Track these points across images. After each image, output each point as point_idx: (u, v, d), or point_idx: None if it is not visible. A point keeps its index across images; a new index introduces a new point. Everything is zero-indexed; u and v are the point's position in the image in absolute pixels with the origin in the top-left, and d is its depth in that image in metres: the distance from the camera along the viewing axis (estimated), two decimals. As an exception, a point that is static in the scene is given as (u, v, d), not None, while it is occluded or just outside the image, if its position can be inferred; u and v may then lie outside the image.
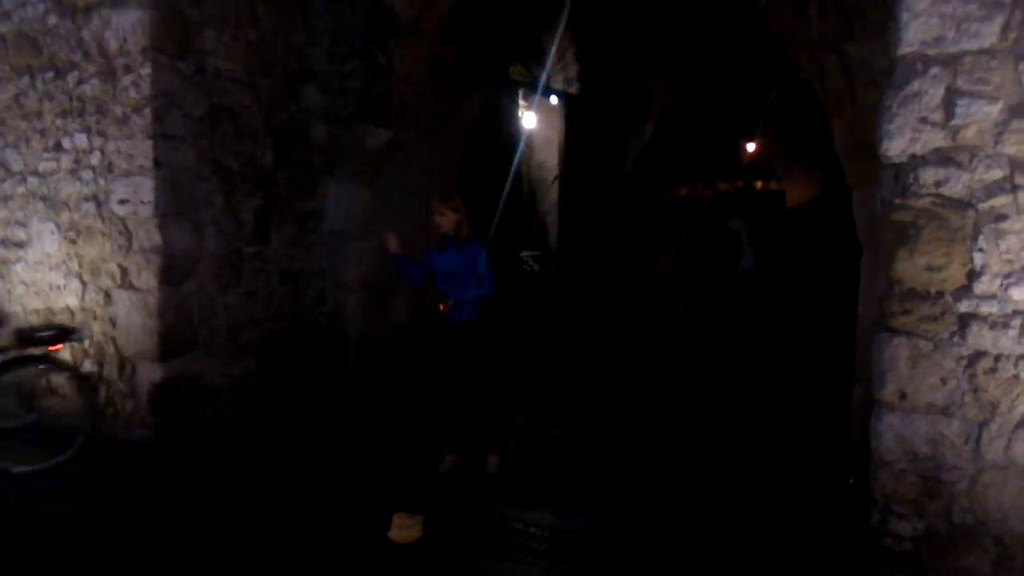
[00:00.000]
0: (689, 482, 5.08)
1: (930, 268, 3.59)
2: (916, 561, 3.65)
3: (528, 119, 10.75)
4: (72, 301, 6.14)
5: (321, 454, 5.62)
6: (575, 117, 11.69)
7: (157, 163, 5.64)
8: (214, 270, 6.14)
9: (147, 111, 5.61)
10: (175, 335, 5.85)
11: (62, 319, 6.19)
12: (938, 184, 3.55)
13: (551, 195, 11.65)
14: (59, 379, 5.80)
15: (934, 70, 3.53)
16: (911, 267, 3.63)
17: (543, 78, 10.39)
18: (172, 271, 5.78)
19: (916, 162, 3.59)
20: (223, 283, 6.23)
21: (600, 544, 4.14)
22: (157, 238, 5.68)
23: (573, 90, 11.77)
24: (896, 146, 3.65)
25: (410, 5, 6.60)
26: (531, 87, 10.55)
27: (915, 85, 3.57)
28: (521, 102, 10.71)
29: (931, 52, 3.54)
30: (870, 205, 5.08)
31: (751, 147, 20.87)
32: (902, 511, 3.68)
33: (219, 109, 6.08)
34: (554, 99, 11.38)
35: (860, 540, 3.85)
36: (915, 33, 3.56)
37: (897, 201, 3.66)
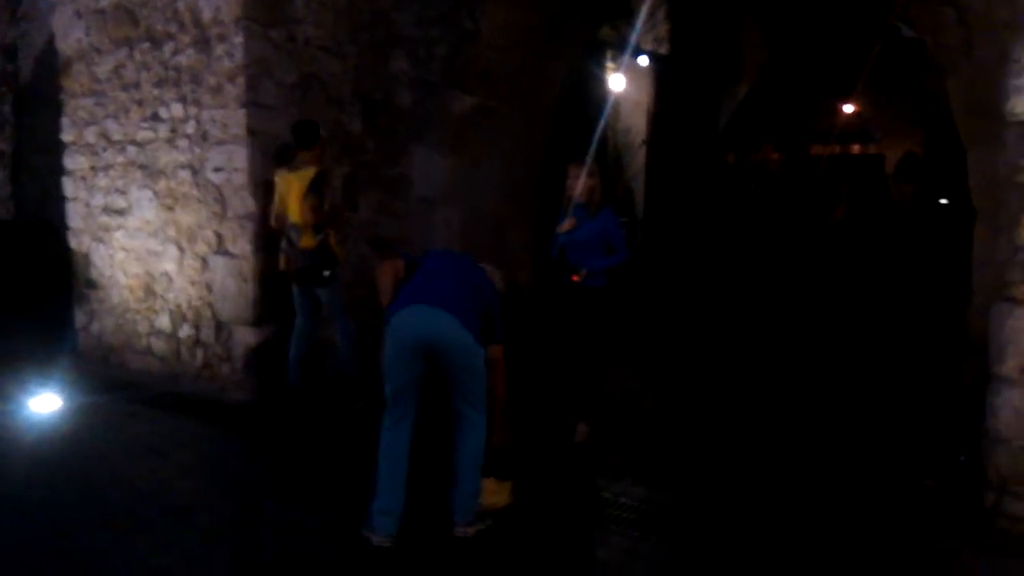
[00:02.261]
0: (786, 455, 4.90)
1: (1060, 235, 3.31)
2: (1034, 545, 3.43)
3: (615, 81, 10.48)
4: (170, 266, 6.33)
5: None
6: (665, 79, 11.34)
7: (251, 131, 5.71)
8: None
9: (240, 80, 5.68)
10: (268, 300, 5.96)
11: (161, 284, 6.41)
12: (1072, 144, 3.25)
13: (638, 160, 11.38)
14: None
15: (1072, 19, 3.22)
16: (1038, 234, 3.36)
17: (632, 38, 10.10)
18: (266, 237, 5.88)
19: (1048, 121, 3.29)
20: (314, 250, 6.30)
21: (693, 517, 4.04)
22: (251, 205, 5.77)
23: (663, 50, 11.40)
24: (1025, 103, 3.36)
25: (498, -34, 6.47)
26: (619, 48, 10.27)
27: (1050, 36, 3.27)
28: (609, 64, 10.44)
29: (1069, -1, 3.22)
30: (988, 167, 4.75)
31: (847, 109, 19.97)
32: (1019, 491, 3.45)
33: (309, 77, 6.12)
34: (643, 60, 11.05)
35: (972, 521, 3.63)
36: (1051, -21, 3.24)
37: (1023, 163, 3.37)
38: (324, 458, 4.87)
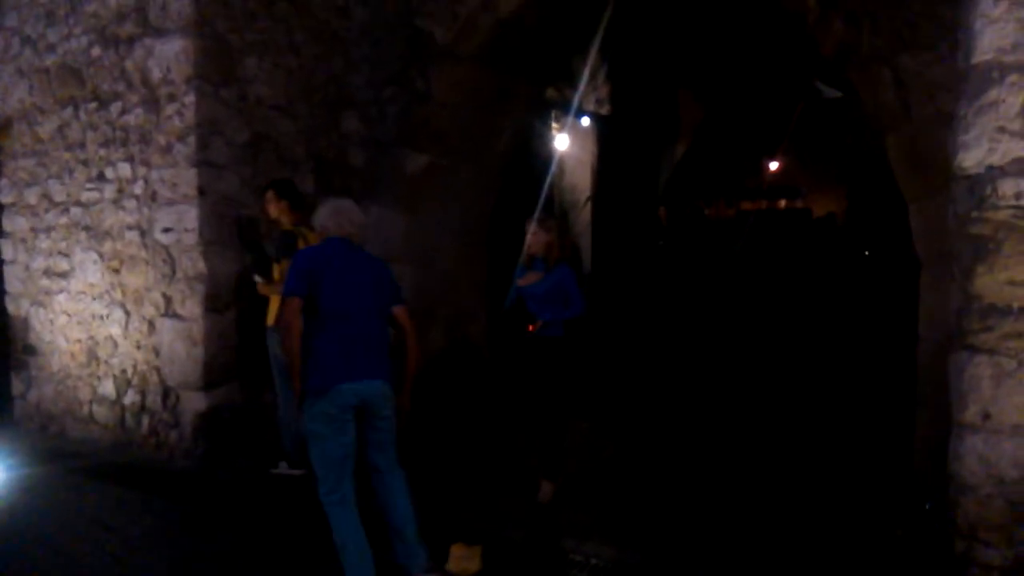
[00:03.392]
0: (748, 507, 4.92)
1: (1012, 283, 3.43)
2: (1005, 591, 3.47)
3: (560, 141, 10.69)
4: (115, 330, 6.12)
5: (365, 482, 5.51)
6: (607, 138, 11.62)
7: (201, 191, 5.63)
8: (255, 299, 6.08)
9: (191, 139, 5.61)
10: (219, 363, 5.80)
11: (105, 349, 6.18)
12: (1018, 196, 3.40)
13: (583, 217, 11.56)
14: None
15: (1012, 77, 3.41)
16: (991, 282, 3.48)
17: (575, 99, 10.34)
18: (216, 299, 5.74)
19: (994, 173, 3.45)
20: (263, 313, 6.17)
21: None
22: (201, 266, 5.65)
23: (604, 111, 11.70)
24: (972, 157, 3.52)
25: (449, 30, 6.57)
26: (563, 108, 10.50)
27: (992, 94, 3.44)
28: (553, 124, 10.66)
29: (1008, 59, 3.41)
30: (932, 219, 4.96)
31: (774, 166, 20.78)
32: (989, 538, 3.50)
33: (261, 137, 6.08)
34: (586, 120, 11.31)
35: (944, 570, 3.67)
36: (990, 40, 3.43)
37: (974, 214, 3.51)
38: (282, 532, 4.69)
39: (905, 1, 4.93)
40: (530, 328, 4.94)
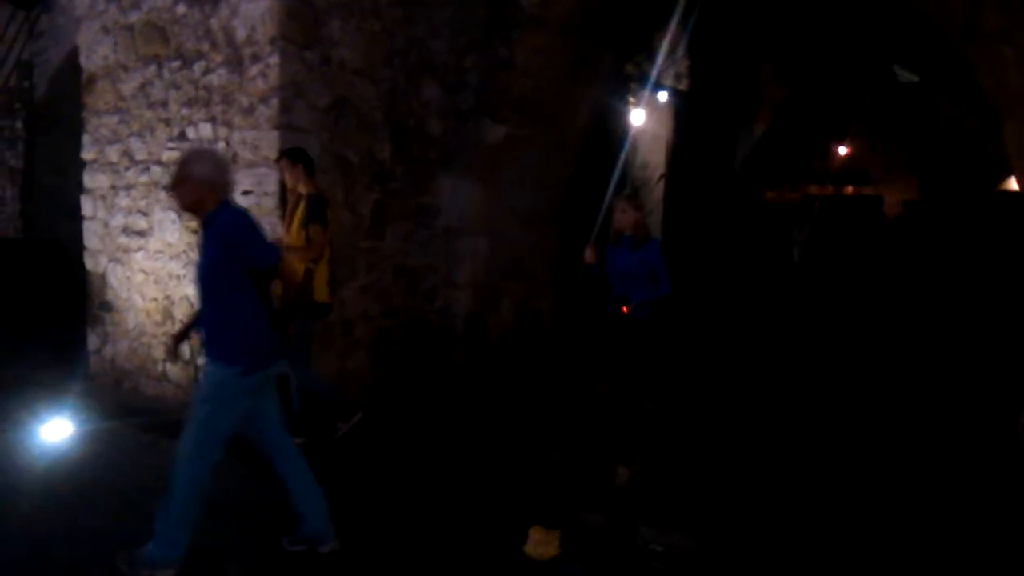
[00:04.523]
0: (838, 500, 4.69)
1: None
2: None
3: (636, 116, 10.41)
4: (191, 291, 6.11)
5: (442, 458, 5.44)
6: (684, 114, 11.29)
7: (283, 155, 5.54)
8: (332, 264, 6.02)
9: (274, 101, 5.53)
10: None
11: (180, 309, 6.20)
12: None
13: (655, 195, 11.28)
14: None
15: None
16: None
17: (653, 73, 10.04)
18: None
19: None
20: (340, 278, 6.10)
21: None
22: (280, 230, 5.58)
23: (682, 86, 11.36)
24: None
25: (536, -4, 6.37)
26: (640, 82, 10.21)
27: None
28: (630, 98, 10.38)
29: None
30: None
31: (843, 150, 20.12)
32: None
33: (342, 101, 5.97)
34: (663, 95, 11.00)
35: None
36: None
37: None
38: (348, 490, 4.64)
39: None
40: (624, 310, 4.76)
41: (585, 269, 5.13)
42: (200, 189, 3.37)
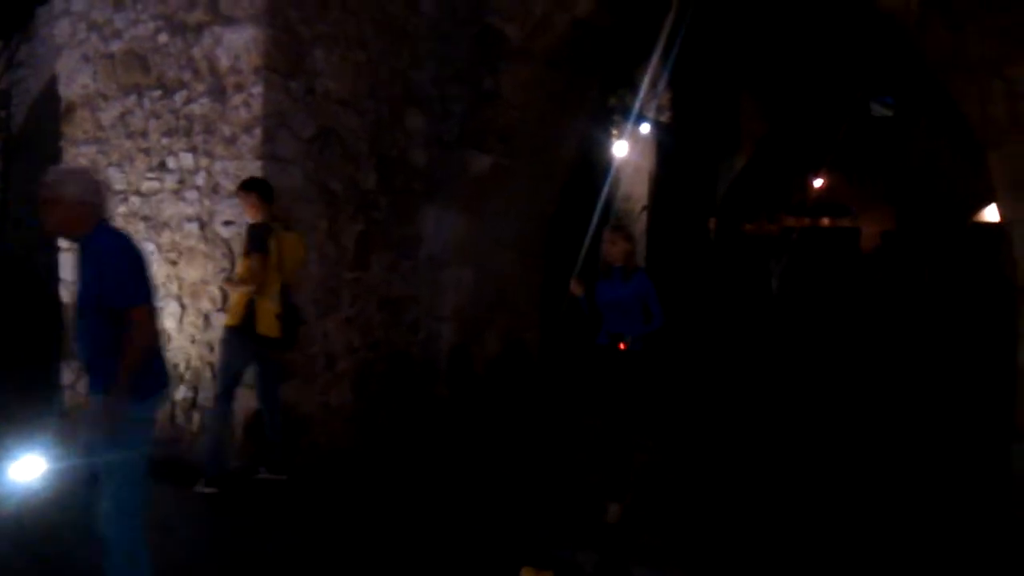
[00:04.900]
0: (831, 534, 4.61)
1: None
2: None
3: (619, 147, 10.44)
4: (169, 324, 5.97)
5: (428, 497, 5.30)
6: (666, 146, 11.35)
7: (266, 185, 5.45)
8: (315, 296, 5.92)
9: (257, 131, 5.45)
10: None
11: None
12: None
13: (638, 226, 11.28)
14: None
15: None
16: None
17: (635, 106, 10.09)
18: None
19: None
20: (323, 309, 6.01)
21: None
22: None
23: (664, 119, 11.43)
24: None
25: (522, 28, 6.37)
26: (623, 114, 10.25)
27: None
28: (612, 130, 10.42)
29: None
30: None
31: (819, 183, 20.35)
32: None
33: (326, 131, 5.91)
34: (645, 127, 11.06)
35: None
36: None
37: None
38: (330, 531, 4.50)
39: (1018, 4, 4.61)
40: (621, 346, 4.70)
41: (572, 301, 5.08)
42: (71, 211, 3.14)
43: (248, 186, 5.04)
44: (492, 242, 7.21)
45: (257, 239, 4.93)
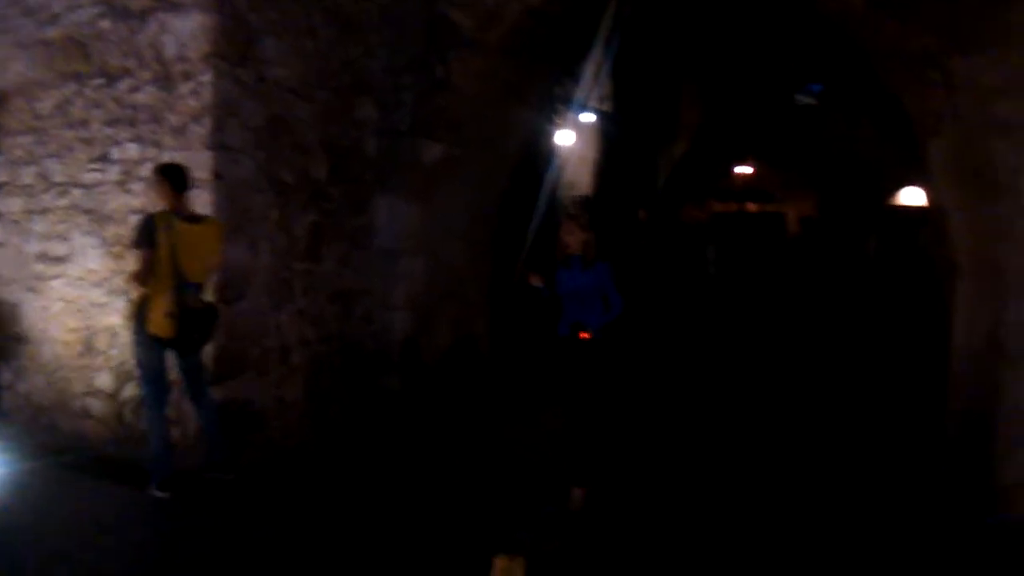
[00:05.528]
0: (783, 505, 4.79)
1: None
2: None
3: (563, 136, 10.51)
4: (115, 320, 5.79)
5: (386, 487, 5.29)
6: (609, 135, 11.47)
7: (217, 175, 5.33)
8: (267, 288, 5.83)
9: (207, 120, 5.31)
10: (228, 357, 5.51)
11: (103, 340, 5.87)
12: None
13: (582, 215, 11.39)
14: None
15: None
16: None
17: (579, 95, 10.16)
18: (228, 289, 5.46)
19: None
20: (275, 302, 5.92)
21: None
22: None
23: (606, 107, 11.55)
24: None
25: (474, 18, 6.36)
26: (566, 103, 10.32)
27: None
28: (556, 119, 10.48)
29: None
30: (979, 228, 4.86)
31: (747, 170, 20.91)
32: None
33: (276, 120, 5.80)
34: (588, 116, 11.15)
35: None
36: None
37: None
38: (292, 528, 4.46)
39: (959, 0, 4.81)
40: (582, 336, 4.75)
41: (530, 291, 5.10)
42: None
43: (161, 172, 4.81)
44: (444, 232, 7.20)
45: (143, 231, 4.65)
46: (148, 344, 4.80)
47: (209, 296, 5.08)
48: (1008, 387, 3.83)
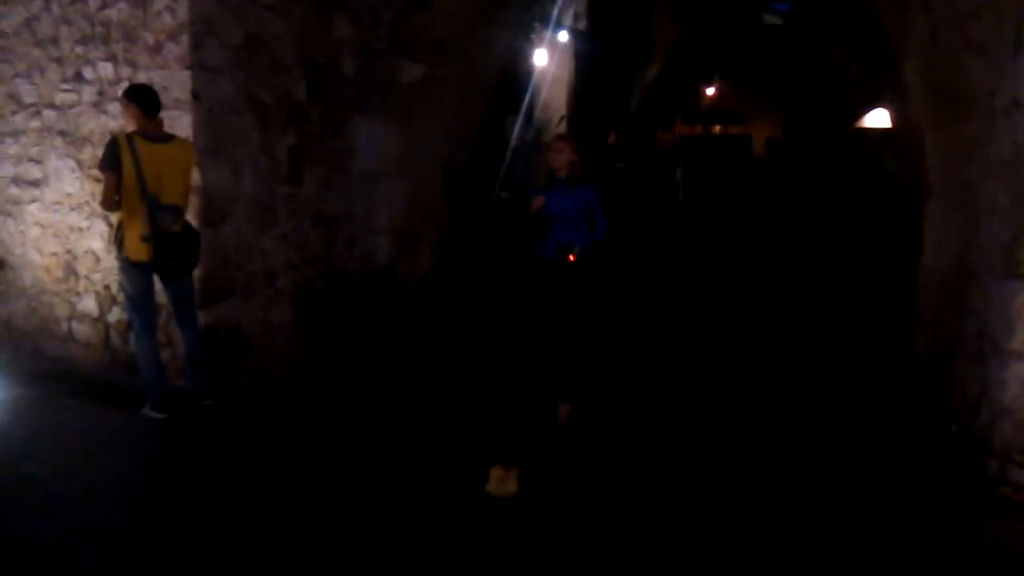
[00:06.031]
0: (772, 432, 5.01)
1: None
2: (1034, 510, 3.63)
3: (538, 56, 10.38)
4: (96, 244, 5.76)
5: (376, 408, 5.42)
6: (583, 56, 11.34)
7: (196, 96, 5.24)
8: (251, 212, 5.80)
9: (184, 38, 5.18)
10: (214, 281, 5.52)
11: (85, 264, 5.83)
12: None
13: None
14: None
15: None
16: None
17: (554, 13, 10.01)
18: (211, 212, 5.43)
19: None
20: (260, 226, 5.90)
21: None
22: (195, 177, 5.30)
23: (581, 26, 11.39)
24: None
25: (454, -70, 6.20)
26: (542, 22, 10.16)
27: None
28: (532, 39, 10.32)
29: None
30: (951, 149, 4.98)
31: (711, 91, 20.85)
32: (1023, 460, 3.64)
33: (254, 39, 5.66)
34: (563, 35, 10.99)
35: (974, 489, 3.81)
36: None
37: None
38: (301, 447, 4.59)
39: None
40: (571, 258, 4.82)
41: (505, 213, 5.16)
42: None
43: (130, 95, 4.69)
44: (423, 154, 7.17)
45: (105, 155, 4.56)
46: (130, 269, 4.79)
47: (192, 220, 5.07)
48: (976, 305, 4.00)
